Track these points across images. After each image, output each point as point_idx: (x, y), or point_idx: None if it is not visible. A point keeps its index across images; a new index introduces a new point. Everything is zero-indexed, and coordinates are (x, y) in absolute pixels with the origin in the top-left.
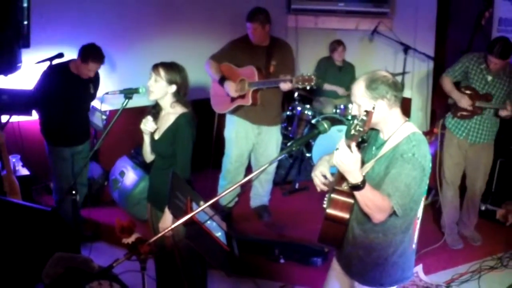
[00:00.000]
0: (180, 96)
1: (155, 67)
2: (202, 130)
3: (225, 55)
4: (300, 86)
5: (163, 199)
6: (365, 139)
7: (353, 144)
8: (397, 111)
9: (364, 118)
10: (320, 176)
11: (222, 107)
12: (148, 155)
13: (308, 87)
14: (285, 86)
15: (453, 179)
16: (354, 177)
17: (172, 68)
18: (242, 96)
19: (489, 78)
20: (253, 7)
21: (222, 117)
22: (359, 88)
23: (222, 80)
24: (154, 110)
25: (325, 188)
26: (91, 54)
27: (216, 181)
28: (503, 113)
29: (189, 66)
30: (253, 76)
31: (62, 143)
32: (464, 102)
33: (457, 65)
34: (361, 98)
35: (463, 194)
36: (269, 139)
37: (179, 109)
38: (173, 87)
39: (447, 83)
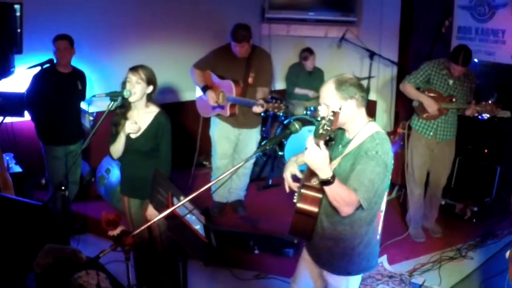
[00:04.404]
0: (152, 96)
1: (135, 70)
2: (188, 130)
3: (207, 63)
4: (270, 111)
5: (140, 188)
6: (333, 138)
7: (321, 142)
8: (363, 111)
9: (331, 118)
10: (290, 176)
11: (205, 112)
12: (119, 153)
13: (277, 113)
14: (257, 109)
15: (421, 177)
16: (324, 172)
17: (147, 69)
18: (222, 107)
19: (451, 82)
20: (236, 23)
21: (206, 118)
22: (328, 90)
23: (204, 89)
24: (120, 110)
25: (295, 188)
26: (55, 36)
27: (198, 179)
28: (468, 112)
29: (177, 70)
30: (231, 90)
31: (55, 142)
32: (432, 107)
33: (419, 73)
34: (331, 99)
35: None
36: (249, 138)
37: (154, 108)
38: (151, 88)
39: (411, 89)
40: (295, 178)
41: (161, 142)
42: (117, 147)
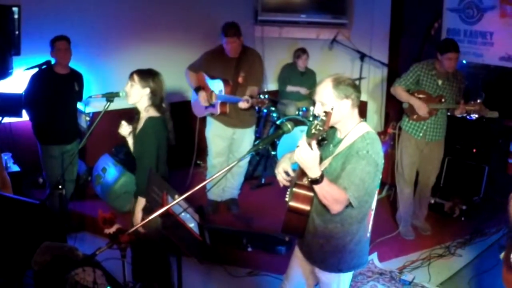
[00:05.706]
0: (156, 99)
1: (131, 74)
2: (184, 130)
3: (200, 65)
4: (255, 106)
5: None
6: (325, 138)
7: (314, 142)
8: (356, 111)
9: (324, 118)
10: (282, 172)
11: (198, 112)
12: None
13: (262, 108)
14: (242, 105)
15: (411, 177)
16: (313, 172)
17: (145, 74)
18: (213, 106)
19: (440, 82)
20: (225, 22)
21: (203, 118)
22: (325, 87)
23: (197, 90)
24: (137, 115)
25: (287, 183)
26: (54, 37)
27: (193, 178)
28: (457, 111)
29: (172, 72)
30: (221, 89)
31: (51, 141)
32: (422, 110)
33: (409, 74)
34: (327, 97)
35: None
36: (243, 138)
37: (151, 113)
38: (147, 90)
39: (401, 92)
40: (287, 175)
41: (139, 149)
42: (131, 150)
